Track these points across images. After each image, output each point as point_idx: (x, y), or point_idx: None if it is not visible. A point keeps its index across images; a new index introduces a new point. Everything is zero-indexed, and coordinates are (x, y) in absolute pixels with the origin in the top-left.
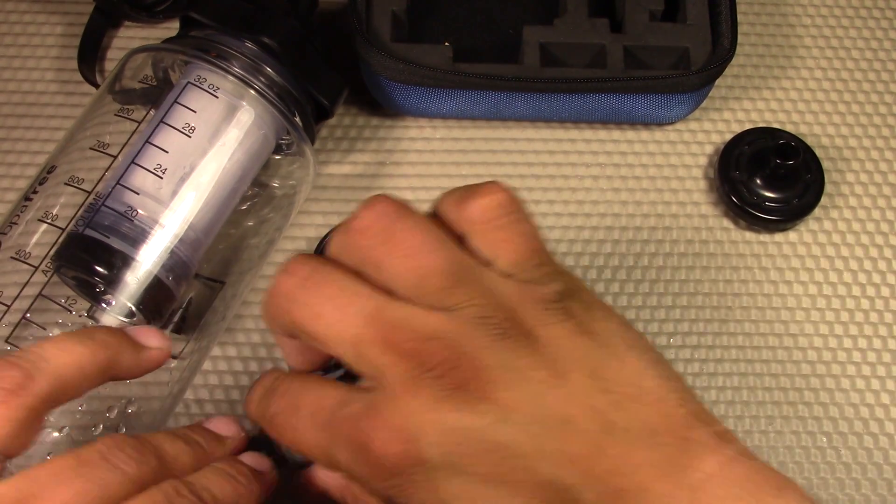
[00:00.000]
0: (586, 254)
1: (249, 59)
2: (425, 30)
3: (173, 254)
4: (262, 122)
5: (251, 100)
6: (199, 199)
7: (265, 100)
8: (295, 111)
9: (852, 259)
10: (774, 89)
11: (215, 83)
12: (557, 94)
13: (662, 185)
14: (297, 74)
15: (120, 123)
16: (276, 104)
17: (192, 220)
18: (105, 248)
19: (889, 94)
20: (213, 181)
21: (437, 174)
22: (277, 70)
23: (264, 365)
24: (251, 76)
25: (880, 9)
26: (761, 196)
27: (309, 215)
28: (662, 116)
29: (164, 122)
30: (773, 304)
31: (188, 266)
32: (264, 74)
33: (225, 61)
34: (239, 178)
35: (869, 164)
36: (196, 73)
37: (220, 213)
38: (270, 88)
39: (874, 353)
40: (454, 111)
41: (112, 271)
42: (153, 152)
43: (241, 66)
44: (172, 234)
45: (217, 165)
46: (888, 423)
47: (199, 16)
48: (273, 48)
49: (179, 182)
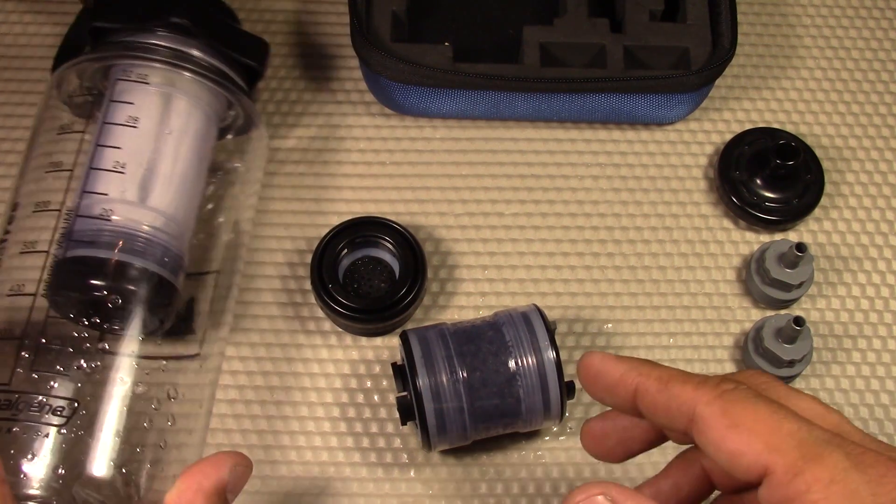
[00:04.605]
0: (587, 254)
1: (166, 42)
2: (425, 30)
3: (161, 246)
4: (199, 99)
5: (181, 79)
6: (167, 186)
7: (194, 75)
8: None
9: (852, 259)
10: (774, 89)
11: (142, 73)
12: (557, 94)
13: (662, 185)
14: (215, 44)
15: (65, 141)
16: (207, 77)
17: (166, 209)
18: (96, 261)
19: (889, 94)
20: (175, 166)
21: (437, 174)
22: (196, 45)
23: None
24: (174, 57)
25: (880, 9)
26: (761, 196)
27: (310, 215)
28: (662, 116)
29: (106, 123)
30: None
31: (179, 257)
32: (185, 53)
33: (144, 51)
34: (198, 160)
35: (869, 164)
36: (121, 71)
37: (192, 197)
38: (196, 64)
39: (874, 354)
40: (454, 111)
41: (111, 281)
42: (107, 153)
43: (160, 51)
44: (153, 228)
45: (172, 149)
46: (888, 423)
47: (104, 23)
48: (185, 26)
49: (143, 174)
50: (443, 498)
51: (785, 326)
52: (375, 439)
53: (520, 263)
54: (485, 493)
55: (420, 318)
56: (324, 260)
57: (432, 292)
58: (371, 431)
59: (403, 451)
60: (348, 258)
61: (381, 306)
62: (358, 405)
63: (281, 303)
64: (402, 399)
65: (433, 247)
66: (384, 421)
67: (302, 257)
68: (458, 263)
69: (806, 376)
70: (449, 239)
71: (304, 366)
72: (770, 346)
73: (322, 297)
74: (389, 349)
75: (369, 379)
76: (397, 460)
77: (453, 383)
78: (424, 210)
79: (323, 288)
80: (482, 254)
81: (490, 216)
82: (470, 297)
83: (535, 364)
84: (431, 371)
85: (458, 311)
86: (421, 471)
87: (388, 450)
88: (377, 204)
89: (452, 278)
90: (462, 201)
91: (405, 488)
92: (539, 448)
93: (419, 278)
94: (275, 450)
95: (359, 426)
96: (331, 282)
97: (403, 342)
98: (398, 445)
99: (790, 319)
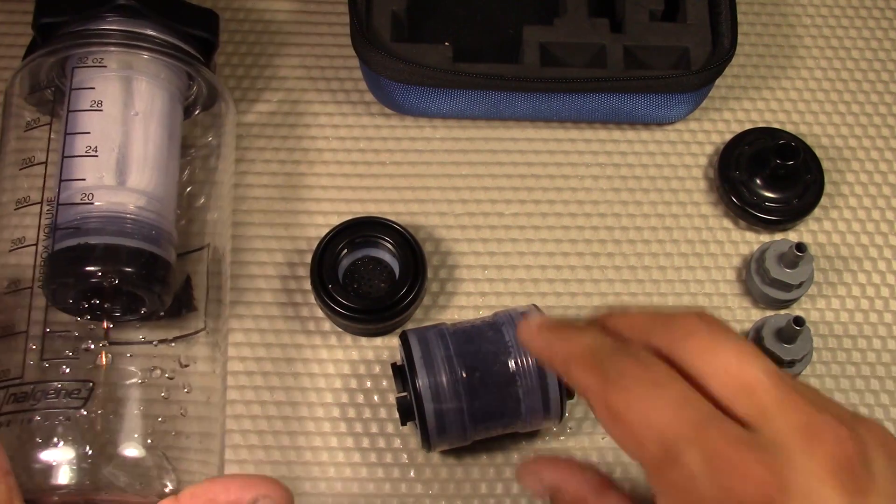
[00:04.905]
0: (587, 254)
1: (117, 26)
2: (425, 30)
3: (147, 224)
4: (158, 77)
5: (138, 60)
6: (142, 166)
7: (150, 53)
8: (184, 53)
9: (852, 259)
10: (774, 89)
11: (97, 57)
12: (557, 94)
13: (662, 185)
14: (165, 21)
15: (33, 139)
16: (164, 53)
17: (146, 188)
18: (86, 248)
19: (889, 94)
20: (147, 146)
21: (437, 174)
22: (147, 25)
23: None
24: (127, 39)
25: (880, 9)
26: (761, 196)
27: (310, 215)
28: (662, 116)
29: (72, 111)
30: None
31: (168, 233)
32: (137, 33)
33: (96, 37)
34: (169, 137)
35: (869, 164)
36: (77, 59)
37: (169, 175)
38: (151, 42)
39: (874, 354)
40: (454, 111)
41: (105, 265)
42: (77, 139)
43: (112, 34)
44: (137, 207)
45: (141, 130)
46: (888, 423)
47: (50, 18)
48: (133, 7)
49: (116, 157)
50: (443, 498)
51: (785, 326)
52: (375, 439)
53: (520, 263)
54: (485, 493)
55: (420, 318)
56: (324, 260)
57: (432, 292)
58: (371, 431)
59: (403, 451)
60: (348, 258)
61: (381, 306)
62: (358, 405)
63: (281, 303)
64: (402, 399)
65: (433, 247)
66: (384, 421)
67: (302, 257)
68: (458, 263)
69: (806, 376)
70: (449, 239)
71: (304, 366)
72: (770, 346)
73: (322, 298)
74: (389, 349)
75: (369, 379)
76: (397, 460)
77: (453, 383)
78: (424, 210)
79: (323, 288)
80: (482, 254)
81: (490, 216)
82: (470, 297)
83: (534, 364)
84: (431, 371)
85: (458, 311)
86: (421, 471)
87: (388, 450)
88: (377, 204)
89: (452, 278)
90: (462, 201)
91: (405, 488)
92: (539, 448)
93: (419, 278)
94: (274, 450)
95: (359, 426)
96: (331, 282)
97: (403, 342)
98: (398, 445)
99: (790, 319)
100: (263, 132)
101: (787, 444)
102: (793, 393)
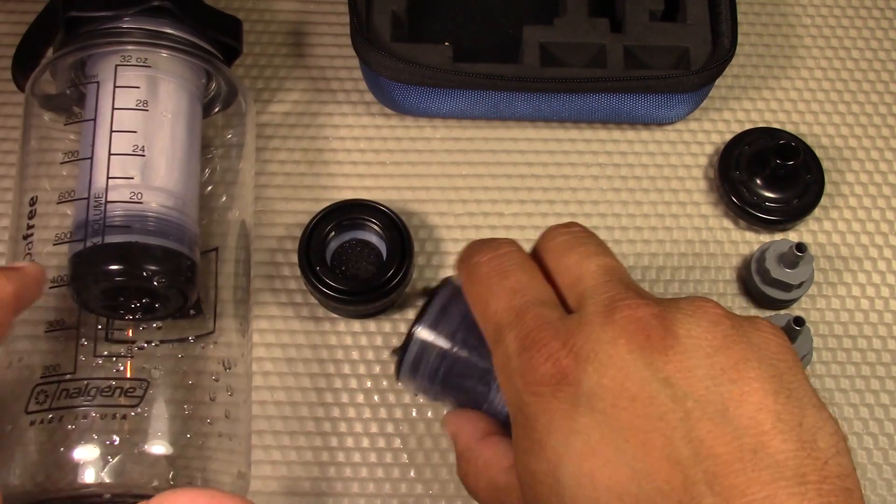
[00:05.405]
0: None
1: (148, 25)
2: (425, 30)
3: (180, 226)
4: (183, 77)
5: (167, 60)
6: (173, 165)
7: (183, 55)
8: (212, 59)
9: (852, 259)
10: (774, 89)
11: (141, 56)
12: (557, 94)
13: (662, 185)
14: (196, 25)
15: (73, 132)
16: (195, 55)
17: (174, 188)
18: (137, 247)
19: (889, 94)
20: (176, 145)
21: (437, 174)
22: (180, 28)
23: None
24: (167, 40)
25: (880, 9)
26: (761, 196)
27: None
28: (662, 116)
29: (117, 109)
30: None
31: (196, 234)
32: (173, 34)
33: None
34: (195, 138)
35: (869, 164)
36: (119, 56)
37: (194, 175)
38: (185, 44)
39: (874, 354)
40: (454, 111)
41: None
42: (123, 138)
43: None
44: (173, 209)
45: (170, 129)
46: (888, 423)
47: (82, 12)
48: (168, 8)
49: (160, 156)
50: (443, 498)
51: (785, 326)
52: (375, 439)
53: None
54: None
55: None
56: (311, 243)
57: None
58: (371, 431)
59: (403, 451)
60: (336, 241)
61: (368, 287)
62: (358, 405)
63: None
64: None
65: (433, 247)
66: (384, 421)
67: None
68: None
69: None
70: (449, 239)
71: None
72: None
73: (310, 280)
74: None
75: (369, 379)
76: (397, 460)
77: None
78: (424, 210)
79: (311, 270)
80: None
81: (490, 216)
82: None
83: None
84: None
85: None
86: (421, 471)
87: (389, 450)
88: None
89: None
90: (462, 201)
91: (405, 488)
92: None
93: (406, 259)
94: (274, 450)
95: (359, 426)
96: (318, 264)
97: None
98: (398, 446)
99: (790, 319)
100: (263, 132)
101: (591, 320)
102: (612, 280)
